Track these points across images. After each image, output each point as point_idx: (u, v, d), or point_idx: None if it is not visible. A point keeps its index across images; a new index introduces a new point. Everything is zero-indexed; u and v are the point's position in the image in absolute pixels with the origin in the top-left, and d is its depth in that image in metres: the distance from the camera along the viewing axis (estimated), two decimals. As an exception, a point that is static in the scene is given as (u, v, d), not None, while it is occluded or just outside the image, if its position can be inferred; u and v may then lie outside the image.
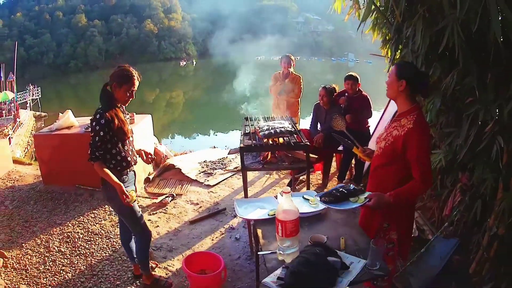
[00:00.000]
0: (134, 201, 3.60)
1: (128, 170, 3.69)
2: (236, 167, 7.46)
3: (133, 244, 4.13)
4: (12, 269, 4.49)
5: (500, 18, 2.73)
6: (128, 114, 3.88)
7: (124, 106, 3.72)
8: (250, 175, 6.77)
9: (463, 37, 2.98)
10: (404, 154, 2.81)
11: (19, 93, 35.11)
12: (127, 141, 3.68)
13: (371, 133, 6.43)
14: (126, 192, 3.44)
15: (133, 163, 3.74)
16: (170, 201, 6.08)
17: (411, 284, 3.86)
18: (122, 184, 3.46)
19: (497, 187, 3.46)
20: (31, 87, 38.27)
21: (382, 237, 3.03)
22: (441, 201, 4.49)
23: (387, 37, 5.10)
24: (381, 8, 4.68)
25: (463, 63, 3.30)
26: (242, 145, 4.56)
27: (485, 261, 3.54)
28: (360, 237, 2.76)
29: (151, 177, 6.95)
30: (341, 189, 2.92)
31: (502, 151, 3.34)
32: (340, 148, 6.45)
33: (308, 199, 3.27)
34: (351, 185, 3.02)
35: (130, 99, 3.61)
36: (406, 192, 2.82)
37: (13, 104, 30.07)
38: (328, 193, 2.95)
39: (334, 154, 6.86)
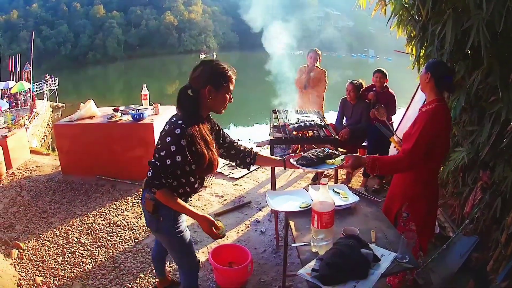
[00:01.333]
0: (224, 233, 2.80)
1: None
2: (261, 161, 7.43)
3: (164, 260, 3.71)
4: (28, 261, 4.44)
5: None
6: (216, 126, 2.95)
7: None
8: (276, 168, 6.80)
9: (488, 37, 3.02)
10: None
11: (35, 84, 35.25)
12: None
13: (394, 130, 6.46)
14: (215, 223, 2.69)
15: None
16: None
17: (432, 280, 3.92)
18: (209, 216, 2.70)
19: (517, 185, 3.49)
20: (48, 77, 38.34)
21: (403, 227, 3.15)
22: (462, 199, 4.51)
23: (412, 35, 5.12)
24: (406, 6, 4.71)
25: (487, 62, 3.34)
26: (272, 137, 4.59)
27: (502, 259, 3.57)
28: (390, 231, 2.79)
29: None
30: (317, 153, 3.00)
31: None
32: (365, 143, 6.48)
33: (338, 192, 3.28)
34: (327, 149, 3.10)
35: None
36: (385, 161, 3.02)
37: (29, 95, 30.32)
38: (304, 156, 3.02)
39: (358, 150, 6.87)
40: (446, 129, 3.07)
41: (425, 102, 3.12)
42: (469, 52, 3.85)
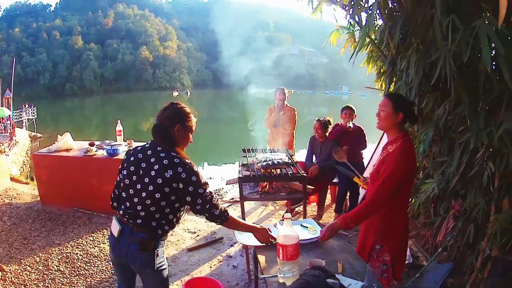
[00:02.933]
0: None
1: None
2: (232, 198, 7.54)
3: None
4: (11, 283, 4.47)
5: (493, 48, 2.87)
6: None
7: None
8: (247, 206, 6.78)
9: (454, 68, 3.09)
10: None
11: (15, 111, 34.99)
12: None
13: (365, 165, 6.55)
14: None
15: None
16: (168, 229, 6.03)
17: (406, 309, 3.94)
18: (265, 227, 3.02)
19: (489, 210, 3.57)
20: (27, 106, 38.06)
21: (376, 259, 3.12)
22: (434, 229, 4.56)
23: (381, 70, 5.24)
24: (376, 41, 4.83)
25: (455, 93, 3.42)
26: (240, 175, 4.64)
27: (480, 282, 3.62)
28: (357, 262, 2.82)
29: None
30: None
31: (494, 176, 3.44)
32: (335, 180, 6.53)
33: (306, 227, 3.34)
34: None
35: None
36: (354, 213, 2.98)
37: (9, 122, 30.02)
38: None
39: (329, 186, 6.93)
40: (415, 161, 3.11)
41: (388, 139, 3.13)
42: (439, 84, 3.92)
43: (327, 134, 6.44)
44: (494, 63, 3.05)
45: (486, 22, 2.82)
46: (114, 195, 2.99)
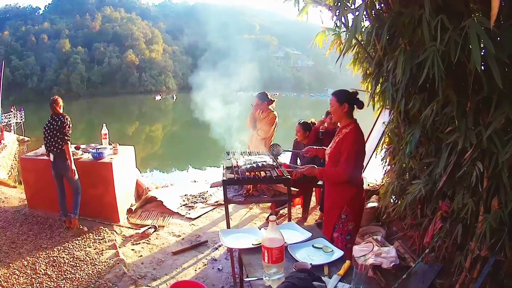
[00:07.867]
0: None
1: None
2: (216, 201, 7.47)
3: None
4: (0, 287, 4.52)
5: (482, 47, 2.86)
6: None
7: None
8: (230, 208, 6.81)
9: (443, 68, 3.07)
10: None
11: (3, 115, 34.66)
12: None
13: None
14: None
15: None
16: (153, 232, 6.09)
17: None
18: None
19: (477, 211, 3.55)
20: (15, 109, 37.74)
21: (341, 228, 3.82)
22: (421, 230, 4.56)
23: (367, 72, 5.22)
24: (362, 43, 4.81)
25: (443, 93, 3.40)
26: (225, 178, 4.60)
27: (469, 282, 3.62)
28: (343, 265, 2.80)
29: (133, 208, 6.93)
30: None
31: (482, 176, 3.42)
32: (320, 182, 6.48)
33: (320, 248, 3.16)
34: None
35: None
36: (329, 173, 3.92)
37: (-3, 125, 29.70)
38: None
39: (313, 189, 6.94)
40: (364, 143, 3.94)
41: (340, 126, 3.96)
42: (427, 85, 3.90)
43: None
44: (483, 63, 3.05)
45: (476, 22, 2.80)
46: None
